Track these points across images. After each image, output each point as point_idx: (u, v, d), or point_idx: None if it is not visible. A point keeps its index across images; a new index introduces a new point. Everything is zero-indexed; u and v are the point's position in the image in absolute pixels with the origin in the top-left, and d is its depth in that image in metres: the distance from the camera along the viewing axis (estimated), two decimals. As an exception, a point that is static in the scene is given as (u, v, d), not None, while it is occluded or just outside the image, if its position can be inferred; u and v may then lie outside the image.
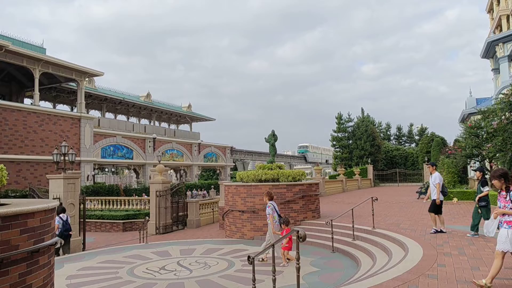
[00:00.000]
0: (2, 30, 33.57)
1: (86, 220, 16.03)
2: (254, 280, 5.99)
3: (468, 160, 20.47)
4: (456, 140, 26.25)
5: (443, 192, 10.16)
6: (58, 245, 11.04)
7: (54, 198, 13.49)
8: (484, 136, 18.38)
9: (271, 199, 10.43)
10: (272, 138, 15.45)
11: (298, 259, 5.50)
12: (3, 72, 29.49)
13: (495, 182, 5.71)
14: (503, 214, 5.44)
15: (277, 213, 10.25)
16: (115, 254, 12.23)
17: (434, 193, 10.11)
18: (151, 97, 45.36)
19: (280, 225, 10.06)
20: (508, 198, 5.44)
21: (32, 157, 25.12)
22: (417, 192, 24.35)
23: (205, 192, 18.25)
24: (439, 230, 10.04)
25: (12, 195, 21.30)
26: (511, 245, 5.31)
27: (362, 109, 53.95)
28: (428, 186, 25.83)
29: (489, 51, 28.79)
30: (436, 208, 10.11)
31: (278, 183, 13.72)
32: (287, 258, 9.65)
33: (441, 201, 10.08)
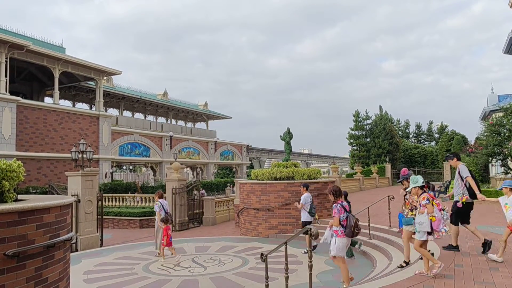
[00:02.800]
0: (25, 30, 34.41)
1: (104, 217, 16.28)
2: (267, 277, 5.99)
3: (490, 158, 20.01)
4: (477, 138, 25.68)
5: (311, 212, 10.67)
6: (74, 240, 11.37)
7: (72, 195, 13.74)
8: (506, 134, 17.94)
9: (160, 197, 11.70)
10: (288, 136, 15.38)
11: (310, 257, 5.46)
12: (24, 72, 30.20)
13: (329, 197, 6.78)
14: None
15: (164, 211, 11.28)
16: (131, 250, 12.40)
17: (303, 215, 10.78)
18: (168, 95, 45.79)
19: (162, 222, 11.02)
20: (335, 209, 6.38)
21: (52, 155, 25.65)
22: (436, 191, 23.90)
23: (203, 191, 17.86)
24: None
25: (33, 191, 21.81)
26: (337, 251, 6.30)
27: (380, 107, 53.30)
28: (447, 185, 25.37)
29: (512, 47, 27.99)
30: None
31: (293, 181, 13.66)
32: (159, 253, 10.96)
33: (309, 222, 10.60)
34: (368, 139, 50.38)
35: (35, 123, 24.88)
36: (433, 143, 61.25)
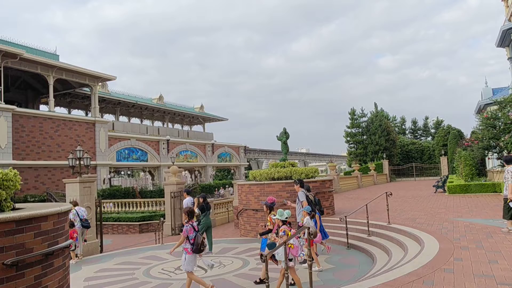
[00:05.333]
0: (18, 37, 34.33)
1: (103, 222, 16.24)
2: (267, 278, 5.99)
3: (486, 152, 20.09)
4: (473, 132, 25.79)
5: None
6: (73, 248, 11.47)
7: (70, 202, 13.69)
8: (501, 127, 18.01)
9: (75, 205, 12.56)
10: (284, 136, 15.39)
11: (310, 256, 5.47)
12: (19, 80, 30.14)
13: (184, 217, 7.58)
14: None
15: (79, 218, 12.35)
16: (131, 255, 12.38)
17: None
18: (163, 99, 45.74)
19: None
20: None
21: (49, 162, 25.57)
22: (433, 186, 24.00)
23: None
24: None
25: (31, 200, 21.74)
26: (187, 266, 7.21)
27: (375, 104, 53.56)
28: (445, 180, 25.41)
29: (505, 40, 28.14)
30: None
31: (291, 181, 13.64)
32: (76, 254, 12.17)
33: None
34: (364, 137, 50.55)
35: (31, 131, 24.80)
36: (429, 138, 61.44)
